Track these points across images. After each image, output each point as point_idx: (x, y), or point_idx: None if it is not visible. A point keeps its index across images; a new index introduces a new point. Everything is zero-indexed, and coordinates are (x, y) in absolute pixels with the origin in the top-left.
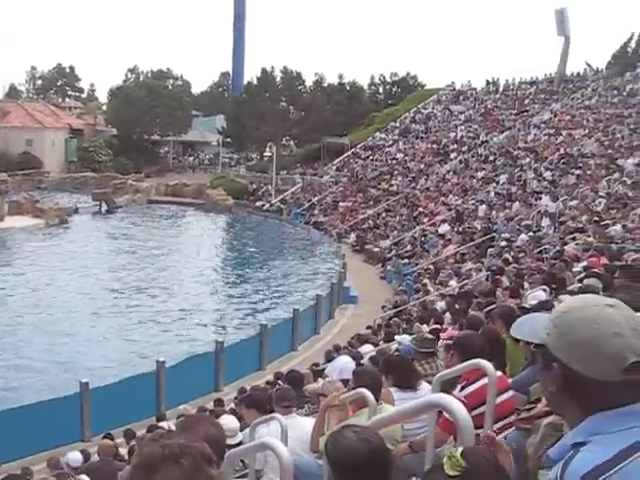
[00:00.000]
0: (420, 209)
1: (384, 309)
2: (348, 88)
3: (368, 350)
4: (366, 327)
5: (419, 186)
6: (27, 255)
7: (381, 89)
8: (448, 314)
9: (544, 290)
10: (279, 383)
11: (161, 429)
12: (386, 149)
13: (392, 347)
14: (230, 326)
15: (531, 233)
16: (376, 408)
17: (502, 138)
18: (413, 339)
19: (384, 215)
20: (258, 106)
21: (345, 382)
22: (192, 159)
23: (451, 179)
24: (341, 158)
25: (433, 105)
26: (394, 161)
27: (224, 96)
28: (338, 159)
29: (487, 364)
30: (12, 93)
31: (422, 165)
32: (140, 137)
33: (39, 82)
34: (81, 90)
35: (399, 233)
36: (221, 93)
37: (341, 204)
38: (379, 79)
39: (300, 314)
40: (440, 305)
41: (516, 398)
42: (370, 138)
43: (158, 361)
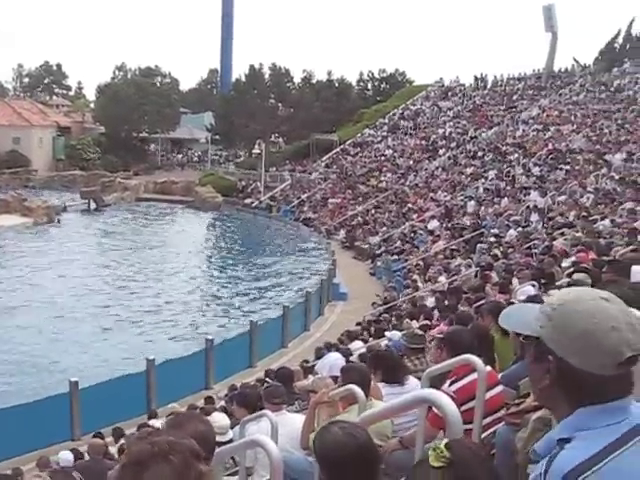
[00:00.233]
0: (409, 205)
1: (374, 305)
2: (337, 85)
3: (358, 347)
4: (356, 324)
5: (408, 182)
6: (14, 253)
7: (370, 86)
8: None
9: (533, 285)
10: (268, 380)
11: (150, 427)
12: (375, 145)
13: (382, 343)
14: (220, 324)
15: (520, 229)
16: (366, 404)
17: (491, 134)
18: (403, 335)
19: (373, 211)
20: (247, 103)
21: (335, 379)
22: (181, 156)
23: (440, 175)
24: (330, 155)
25: (422, 101)
26: (383, 157)
27: (212, 93)
28: (327, 156)
29: (476, 359)
30: None
31: (411, 161)
32: (128, 135)
33: (26, 80)
34: (68, 88)
35: (388, 229)
36: (209, 90)
37: (330, 201)
38: (368, 76)
39: (290, 311)
40: (430, 301)
41: (505, 393)
42: (359, 135)
43: (148, 359)
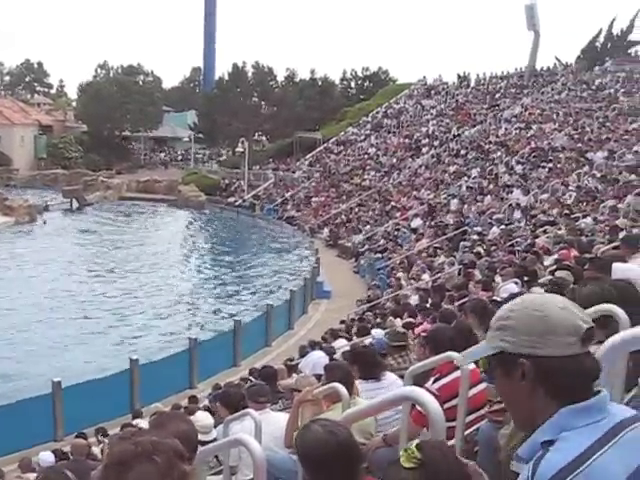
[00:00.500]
0: (392, 203)
1: (358, 303)
2: (320, 83)
3: (342, 345)
4: (340, 322)
5: (391, 181)
6: None
7: (353, 84)
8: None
9: (516, 283)
10: (251, 379)
11: (133, 427)
12: (358, 144)
13: (366, 342)
14: (203, 323)
15: (503, 226)
16: (349, 402)
17: (473, 132)
18: (386, 333)
19: (357, 210)
20: (230, 101)
21: (318, 377)
22: (164, 155)
23: (423, 173)
24: (313, 153)
25: (405, 100)
26: (366, 156)
27: (195, 92)
28: (310, 154)
29: (459, 356)
30: None
31: (394, 160)
32: (111, 133)
33: (7, 78)
34: (50, 86)
35: (372, 227)
36: (192, 89)
37: (314, 199)
38: (351, 74)
39: (274, 310)
40: (414, 299)
41: (488, 390)
42: (342, 133)
43: (131, 359)
